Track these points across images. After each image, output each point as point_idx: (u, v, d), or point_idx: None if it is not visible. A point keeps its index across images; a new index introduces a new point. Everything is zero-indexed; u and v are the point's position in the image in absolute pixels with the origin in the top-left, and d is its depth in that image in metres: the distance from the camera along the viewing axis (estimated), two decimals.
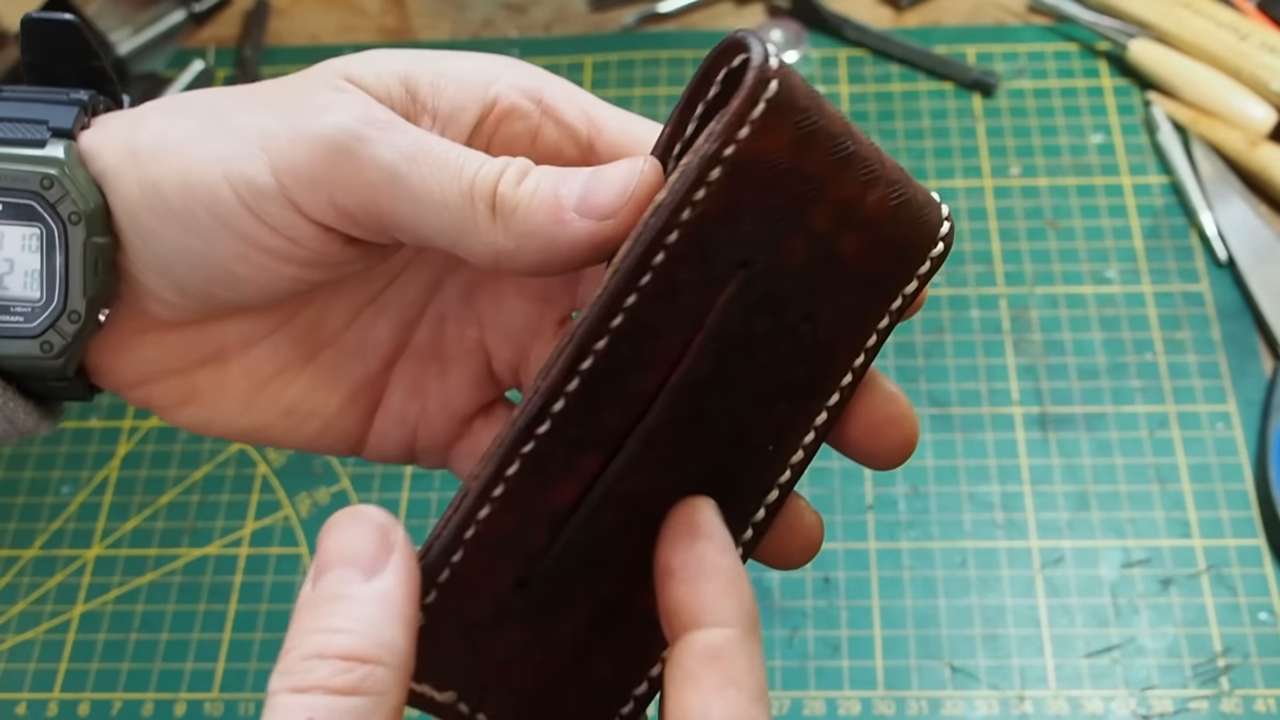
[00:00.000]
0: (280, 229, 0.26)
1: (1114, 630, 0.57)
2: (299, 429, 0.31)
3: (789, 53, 0.77)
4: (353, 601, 0.23)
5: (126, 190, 0.27)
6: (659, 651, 0.27)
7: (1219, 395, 0.63)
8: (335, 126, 0.26)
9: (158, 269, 0.28)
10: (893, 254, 0.27)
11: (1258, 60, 0.71)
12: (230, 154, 0.26)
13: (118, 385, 0.30)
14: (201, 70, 0.81)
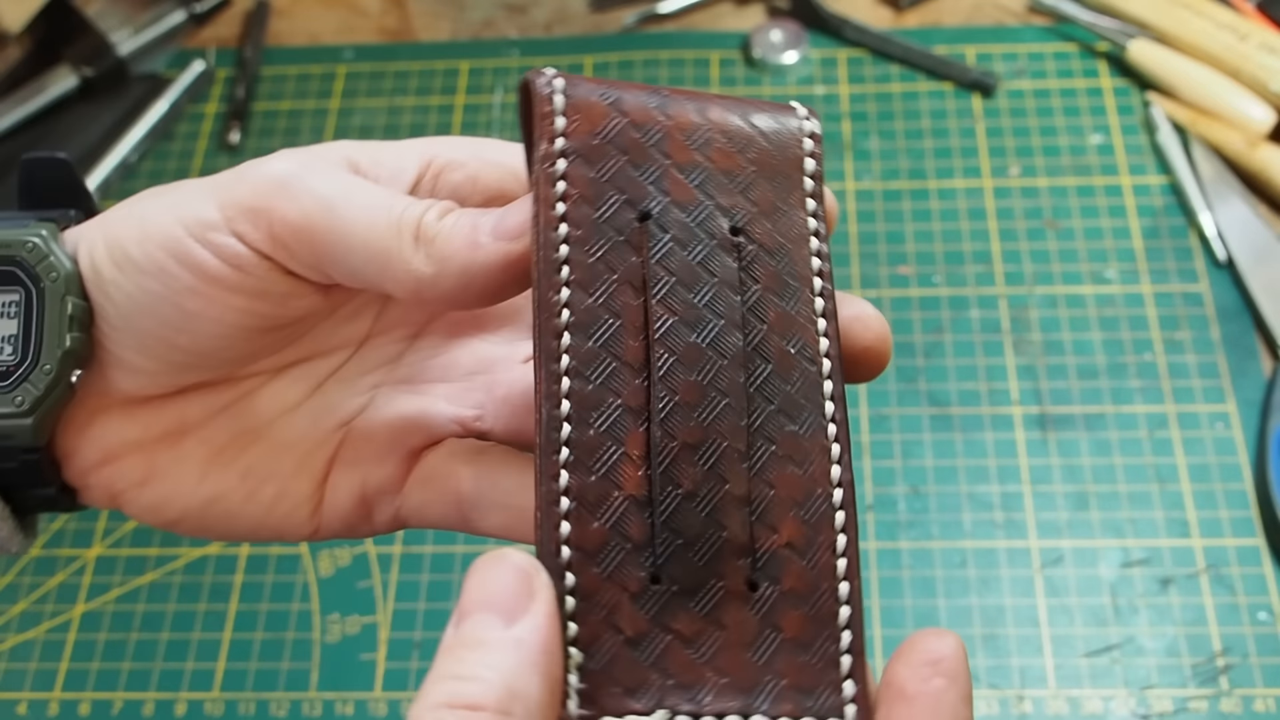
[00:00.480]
0: (225, 257, 0.28)
1: (1113, 630, 0.57)
2: (255, 495, 0.31)
3: (789, 53, 0.77)
4: (489, 648, 0.23)
5: (94, 251, 0.29)
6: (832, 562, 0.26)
7: (1218, 395, 0.63)
8: (277, 166, 0.29)
9: (121, 324, 0.29)
10: (765, 144, 0.29)
11: (1257, 61, 0.71)
12: (182, 202, 0.28)
13: (82, 468, 0.30)
14: (202, 70, 0.81)
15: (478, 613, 0.24)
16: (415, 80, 0.80)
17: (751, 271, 0.27)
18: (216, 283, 0.28)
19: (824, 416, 0.27)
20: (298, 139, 0.77)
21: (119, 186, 0.77)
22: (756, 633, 0.25)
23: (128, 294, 0.28)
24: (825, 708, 0.25)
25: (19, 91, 0.79)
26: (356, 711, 0.57)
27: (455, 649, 0.23)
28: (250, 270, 0.28)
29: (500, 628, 0.23)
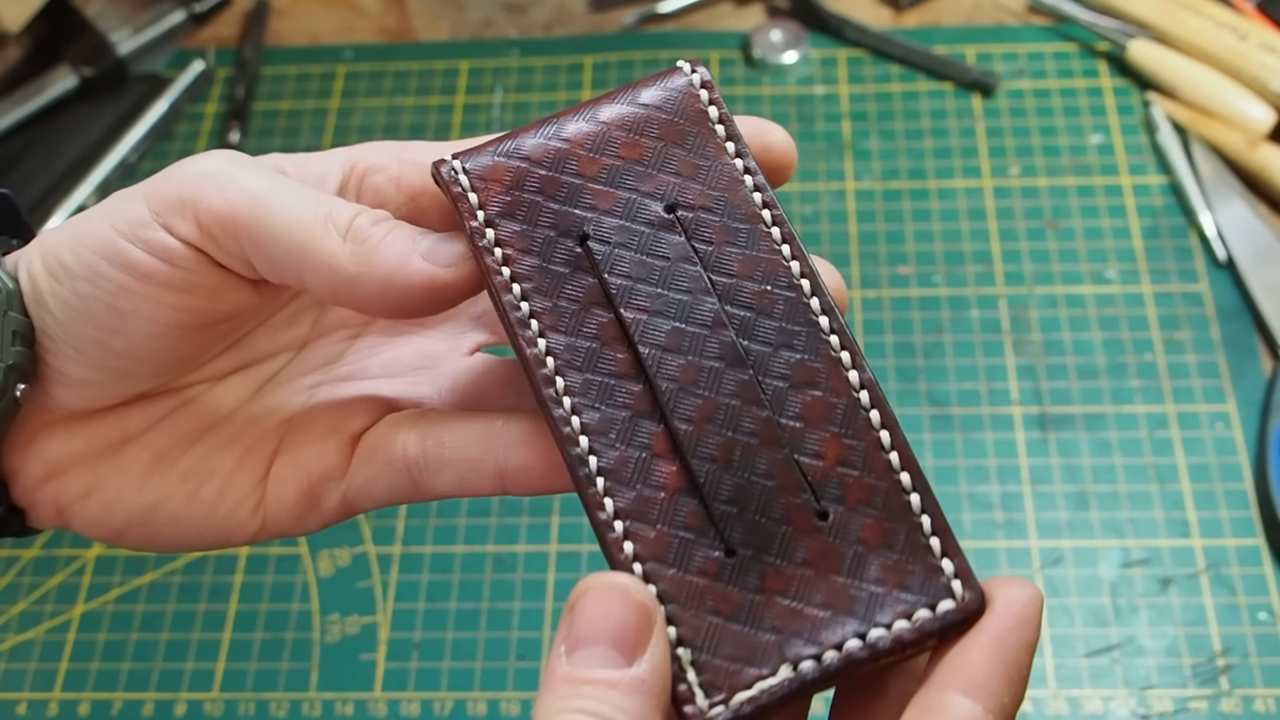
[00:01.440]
0: (155, 252, 0.28)
1: (1113, 630, 0.57)
2: (197, 494, 0.32)
3: (789, 53, 0.77)
4: (614, 689, 0.24)
5: (32, 266, 0.29)
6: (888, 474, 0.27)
7: (1218, 395, 0.63)
8: (204, 163, 0.29)
9: (59, 334, 0.29)
10: (662, 116, 0.29)
11: (1257, 60, 0.71)
12: (112, 206, 0.29)
13: (27, 485, 0.31)
14: (201, 70, 0.81)
15: (597, 646, 0.24)
16: (415, 80, 0.80)
17: (699, 236, 0.28)
18: (148, 279, 0.28)
19: (821, 332, 0.27)
20: (297, 139, 0.77)
21: (119, 186, 0.77)
22: (841, 556, 0.26)
23: (64, 301, 0.29)
24: (933, 593, 0.25)
25: (19, 91, 0.79)
26: (356, 711, 0.57)
27: (578, 684, 0.24)
28: (180, 263, 0.28)
29: (622, 665, 0.24)
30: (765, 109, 0.76)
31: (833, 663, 0.25)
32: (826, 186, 0.72)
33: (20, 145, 0.77)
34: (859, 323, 0.67)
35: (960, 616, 0.25)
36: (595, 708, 0.23)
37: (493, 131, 0.76)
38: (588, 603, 0.25)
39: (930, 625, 0.25)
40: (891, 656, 0.25)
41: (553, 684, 0.24)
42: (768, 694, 0.25)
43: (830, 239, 0.70)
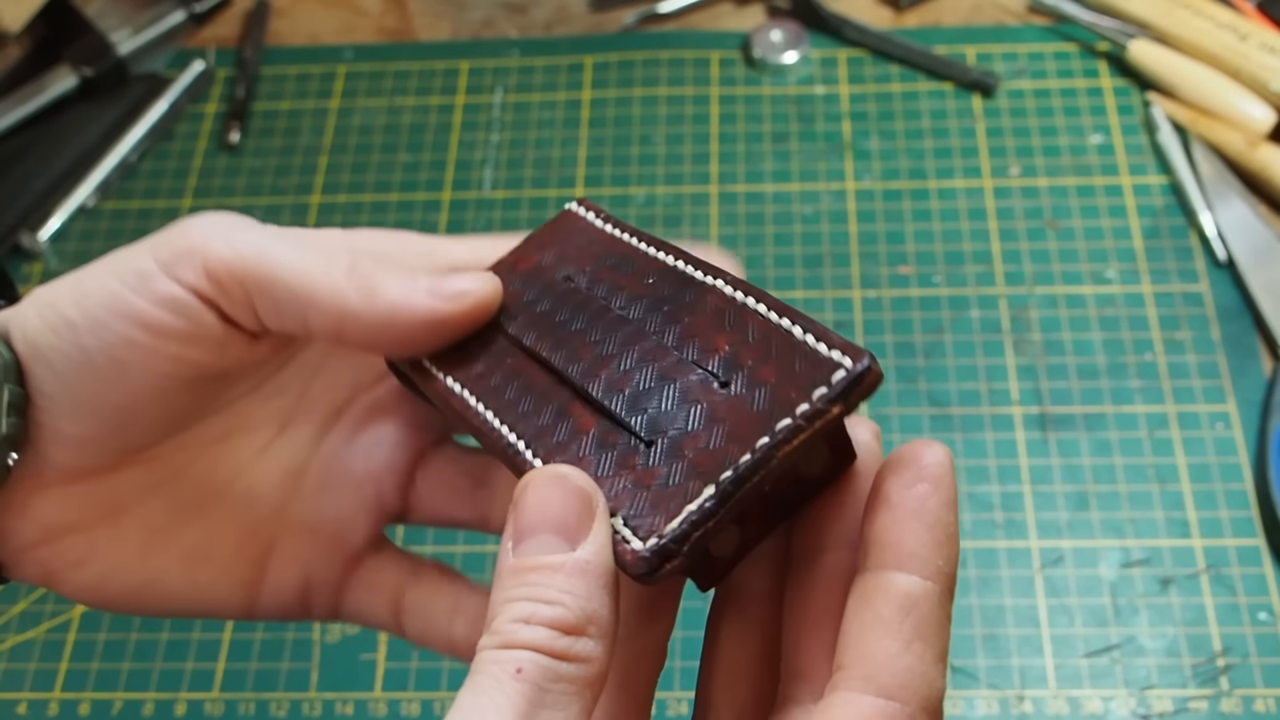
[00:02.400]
0: (161, 302, 0.28)
1: (1113, 630, 0.57)
2: (194, 576, 0.32)
3: (789, 53, 0.77)
4: (557, 572, 0.24)
5: (27, 324, 0.29)
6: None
7: (1219, 395, 0.63)
8: (207, 218, 0.30)
9: (57, 390, 0.29)
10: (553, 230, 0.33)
11: (1258, 60, 0.71)
12: (116, 261, 0.29)
13: (18, 546, 0.31)
14: (201, 70, 0.81)
15: (540, 534, 0.25)
16: (415, 80, 0.80)
17: (595, 282, 0.31)
18: (152, 330, 0.29)
19: (702, 282, 0.29)
20: (298, 139, 0.77)
21: (119, 186, 0.77)
22: (749, 399, 0.26)
23: (65, 355, 0.29)
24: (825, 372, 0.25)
25: (19, 91, 0.79)
26: (356, 711, 0.57)
27: (523, 572, 0.24)
28: (185, 314, 0.29)
29: (565, 549, 0.24)
30: (765, 109, 0.76)
31: (745, 463, 0.25)
32: (826, 186, 0.72)
33: (20, 145, 0.77)
34: (859, 323, 0.67)
35: (851, 378, 0.25)
36: (540, 593, 0.24)
37: (492, 132, 0.76)
38: (529, 494, 0.25)
39: (826, 394, 0.25)
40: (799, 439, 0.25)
41: (500, 578, 0.25)
42: (695, 513, 0.25)
43: (830, 239, 0.70)
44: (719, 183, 0.73)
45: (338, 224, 0.73)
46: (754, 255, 0.70)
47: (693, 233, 0.71)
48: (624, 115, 0.77)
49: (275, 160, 0.76)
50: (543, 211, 0.73)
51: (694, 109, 0.76)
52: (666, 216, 0.72)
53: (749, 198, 0.72)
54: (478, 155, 0.76)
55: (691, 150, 0.75)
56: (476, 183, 0.75)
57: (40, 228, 0.74)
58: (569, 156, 0.75)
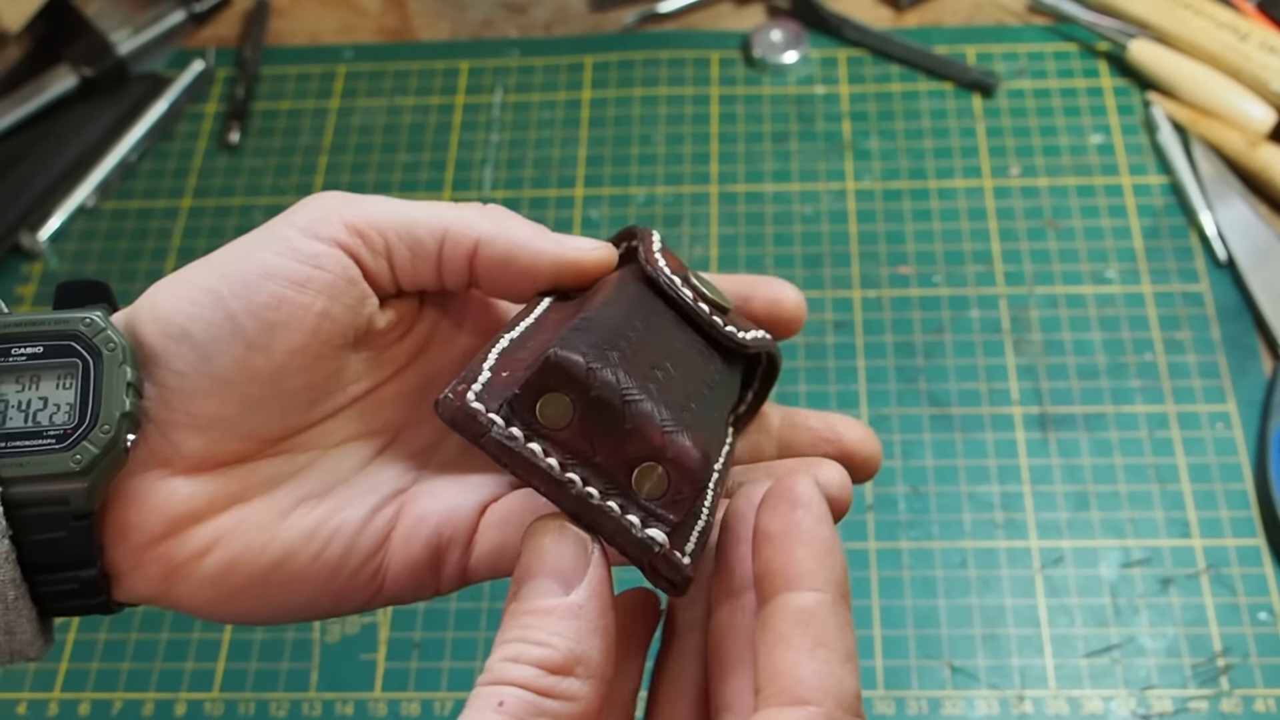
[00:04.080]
0: (306, 259, 0.30)
1: (1114, 630, 0.57)
2: (323, 552, 0.32)
3: (789, 53, 0.77)
4: (550, 615, 0.26)
5: (157, 304, 0.30)
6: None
7: (1219, 395, 0.63)
8: (327, 194, 0.32)
9: (195, 365, 0.30)
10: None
11: (1258, 60, 0.71)
12: (252, 237, 0.31)
13: (142, 542, 0.30)
14: (201, 70, 0.81)
15: (538, 579, 0.27)
16: (415, 80, 0.80)
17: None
18: (301, 284, 0.30)
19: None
20: (297, 139, 0.77)
21: (119, 186, 0.77)
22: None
23: (208, 322, 0.30)
24: None
25: (19, 91, 0.79)
26: (356, 712, 0.57)
27: (520, 615, 0.26)
28: (328, 267, 0.31)
29: (560, 594, 0.26)
30: (765, 109, 0.76)
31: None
32: (826, 186, 0.72)
33: (20, 145, 0.77)
34: (859, 323, 0.67)
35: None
36: (531, 634, 0.26)
37: (492, 132, 0.76)
38: (529, 542, 0.27)
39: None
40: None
41: (503, 622, 0.26)
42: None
43: (830, 239, 0.70)
44: (719, 183, 0.73)
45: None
46: (754, 255, 0.70)
47: (693, 233, 0.71)
48: (624, 115, 0.77)
49: (275, 160, 0.76)
50: (542, 211, 0.73)
51: (694, 109, 0.76)
52: (666, 216, 0.72)
53: (749, 198, 0.72)
54: (478, 155, 0.76)
55: (691, 150, 0.75)
56: (476, 183, 0.75)
57: (40, 228, 0.74)
58: (569, 156, 0.75)
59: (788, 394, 0.64)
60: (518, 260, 0.33)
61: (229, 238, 0.75)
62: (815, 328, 0.67)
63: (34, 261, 0.74)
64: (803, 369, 0.65)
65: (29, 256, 0.74)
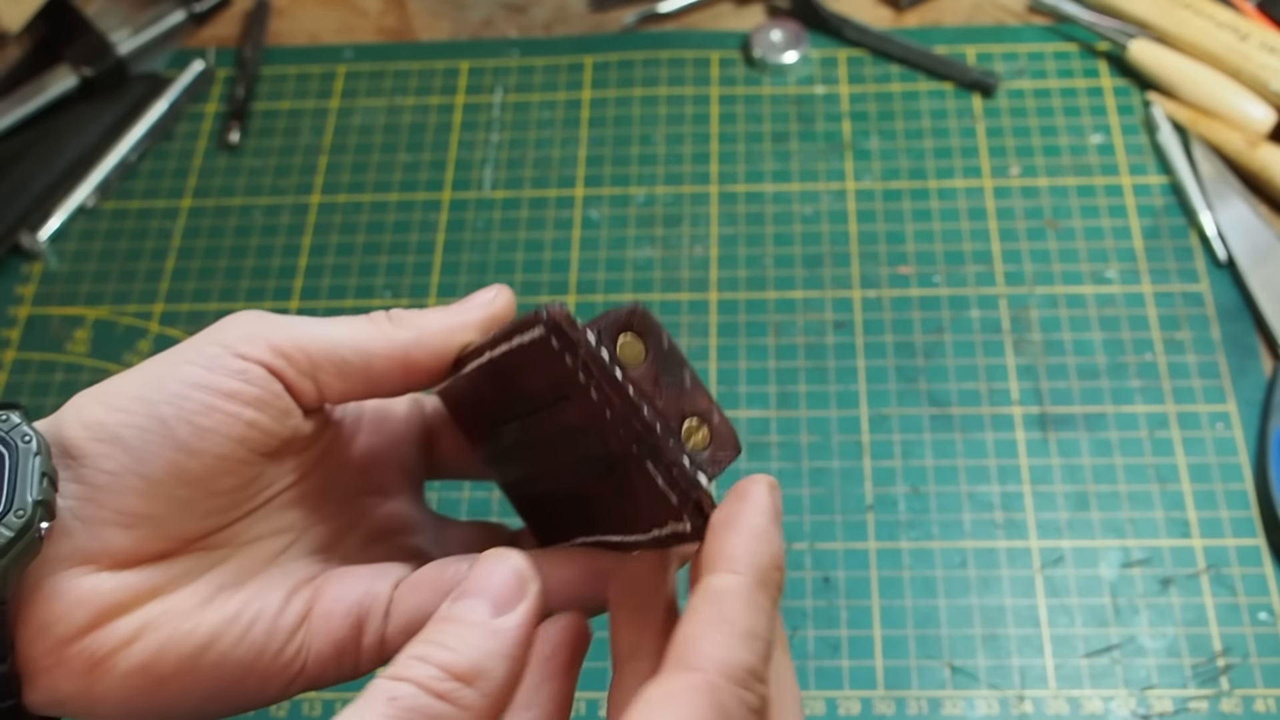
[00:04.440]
0: (234, 373, 0.32)
1: (1114, 630, 0.57)
2: (247, 635, 0.33)
3: (789, 53, 0.77)
4: (471, 629, 0.27)
5: (83, 410, 0.31)
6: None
7: (1219, 395, 0.63)
8: (248, 313, 0.33)
9: (127, 465, 0.31)
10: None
11: (1258, 60, 0.71)
12: (177, 353, 0.32)
13: (61, 638, 0.30)
14: (201, 70, 0.81)
15: (474, 598, 0.28)
16: (415, 80, 0.80)
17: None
18: (230, 396, 0.31)
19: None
20: (298, 139, 0.77)
21: (119, 186, 0.77)
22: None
23: (139, 427, 0.31)
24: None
25: (19, 91, 0.79)
26: None
27: (443, 621, 0.28)
28: (257, 382, 0.32)
29: (486, 614, 0.28)
30: (765, 109, 0.76)
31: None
32: (826, 186, 0.72)
33: (20, 145, 0.77)
34: (859, 323, 0.67)
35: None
36: (444, 639, 0.27)
37: (492, 132, 0.76)
38: (479, 565, 0.29)
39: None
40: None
41: (429, 623, 0.28)
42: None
43: (830, 239, 0.70)
44: (719, 183, 0.73)
45: (337, 224, 0.73)
46: (754, 255, 0.70)
47: (693, 233, 0.71)
48: (624, 115, 0.77)
49: (275, 160, 0.76)
50: (542, 211, 0.73)
51: (694, 109, 0.76)
52: (666, 216, 0.72)
53: (749, 198, 0.72)
54: (478, 155, 0.76)
55: (691, 150, 0.75)
56: (476, 183, 0.75)
57: (40, 228, 0.74)
58: (569, 156, 0.75)
59: (788, 394, 0.64)
60: (453, 345, 0.34)
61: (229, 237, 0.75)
62: (815, 328, 0.67)
63: (34, 261, 0.74)
64: (803, 369, 0.65)
65: (29, 256, 0.74)
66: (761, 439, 0.63)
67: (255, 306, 0.70)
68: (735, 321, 0.67)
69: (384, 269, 0.71)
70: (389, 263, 0.72)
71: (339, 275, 0.71)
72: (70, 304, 0.72)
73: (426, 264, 0.71)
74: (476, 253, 0.72)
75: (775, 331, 0.67)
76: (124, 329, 0.71)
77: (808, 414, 0.64)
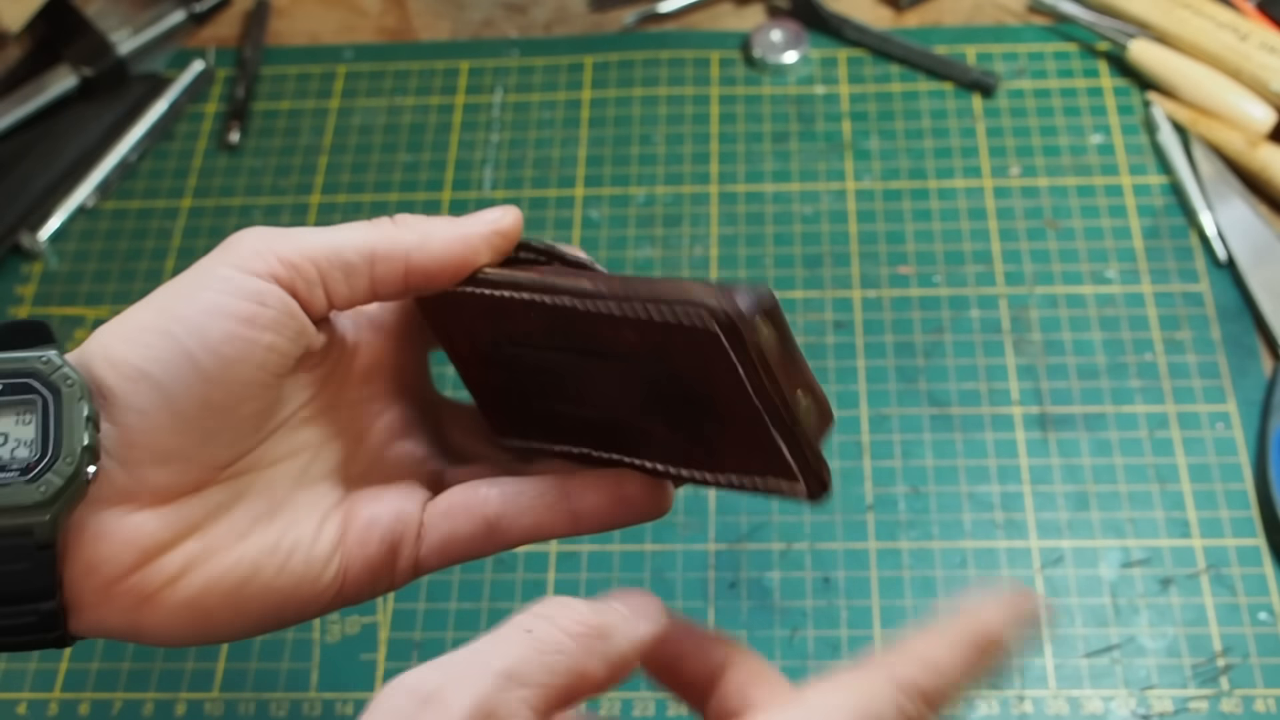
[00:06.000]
0: (250, 295, 0.32)
1: (1114, 630, 0.57)
2: (287, 564, 0.34)
3: (789, 53, 0.77)
4: (591, 638, 0.29)
5: (109, 347, 0.32)
6: None
7: (1219, 395, 0.63)
8: (253, 229, 0.34)
9: (155, 402, 0.31)
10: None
11: (1258, 60, 0.71)
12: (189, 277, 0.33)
13: (109, 578, 0.31)
14: (201, 70, 0.81)
15: (624, 598, 0.31)
16: (415, 80, 0.80)
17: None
18: (249, 321, 0.32)
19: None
20: (298, 139, 0.77)
21: (119, 186, 0.77)
22: None
23: (165, 361, 0.31)
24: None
25: (19, 91, 0.79)
26: (356, 711, 0.57)
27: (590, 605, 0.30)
28: (271, 301, 0.32)
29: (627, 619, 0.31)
30: (765, 109, 0.76)
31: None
32: (826, 186, 0.72)
33: (20, 145, 0.77)
34: (859, 323, 0.67)
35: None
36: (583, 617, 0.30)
37: (492, 132, 0.76)
38: (623, 597, 0.32)
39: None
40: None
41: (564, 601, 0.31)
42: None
43: (830, 239, 0.70)
44: (719, 183, 0.73)
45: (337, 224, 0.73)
46: (754, 255, 0.70)
47: (693, 233, 0.71)
48: (624, 115, 0.77)
49: (275, 160, 0.76)
50: (542, 211, 0.73)
51: (694, 109, 0.76)
52: (666, 216, 0.72)
53: (749, 198, 0.72)
54: (478, 155, 0.76)
55: (691, 150, 0.75)
56: (476, 183, 0.75)
57: (40, 228, 0.75)
58: (569, 156, 0.75)
59: None
60: (453, 254, 0.34)
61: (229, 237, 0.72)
62: (815, 328, 0.67)
63: (34, 261, 0.74)
64: None
65: (29, 256, 0.74)
66: None
67: None
68: None
69: None
70: None
71: None
72: (70, 304, 0.72)
73: None
74: None
75: None
76: None
77: None
